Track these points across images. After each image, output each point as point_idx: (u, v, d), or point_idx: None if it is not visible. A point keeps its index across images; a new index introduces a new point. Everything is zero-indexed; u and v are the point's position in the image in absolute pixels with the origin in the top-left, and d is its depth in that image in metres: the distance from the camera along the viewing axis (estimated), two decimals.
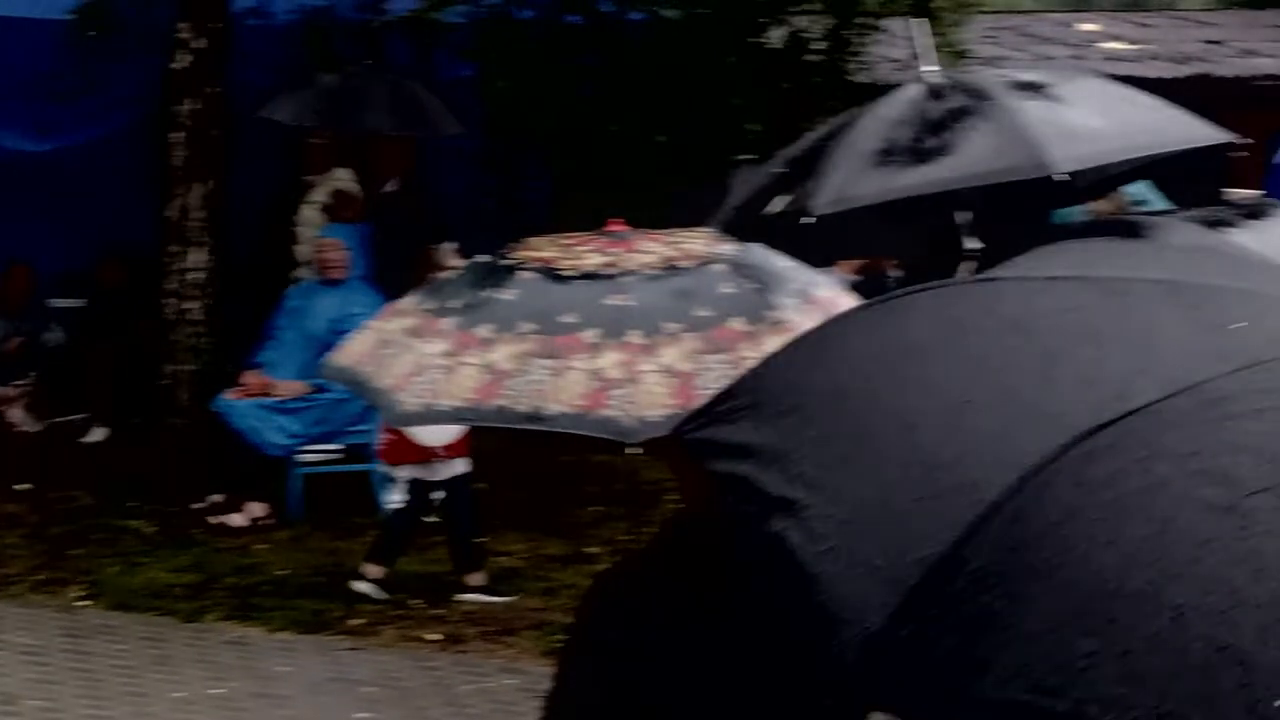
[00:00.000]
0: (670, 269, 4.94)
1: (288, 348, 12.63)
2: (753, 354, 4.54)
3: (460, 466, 10.86)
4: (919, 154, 7.12)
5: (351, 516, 12.24)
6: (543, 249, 5.14)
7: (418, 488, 10.89)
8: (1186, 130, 7.58)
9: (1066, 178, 6.80)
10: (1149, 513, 2.09)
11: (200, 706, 9.31)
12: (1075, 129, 7.10)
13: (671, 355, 4.65)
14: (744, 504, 2.46)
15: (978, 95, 7.43)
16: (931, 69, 7.90)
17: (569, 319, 4.79)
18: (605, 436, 4.56)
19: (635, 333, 4.69)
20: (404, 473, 10.95)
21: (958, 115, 7.31)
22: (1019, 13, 25.60)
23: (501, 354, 4.70)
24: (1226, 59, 19.03)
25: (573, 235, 5.29)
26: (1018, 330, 2.43)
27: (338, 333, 10.57)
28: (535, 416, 4.62)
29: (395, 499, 12.40)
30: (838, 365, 2.53)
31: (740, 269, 5.03)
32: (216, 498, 12.42)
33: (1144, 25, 22.02)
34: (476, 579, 10.92)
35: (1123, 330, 2.40)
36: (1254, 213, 7.10)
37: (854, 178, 7.03)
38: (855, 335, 2.61)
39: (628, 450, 4.57)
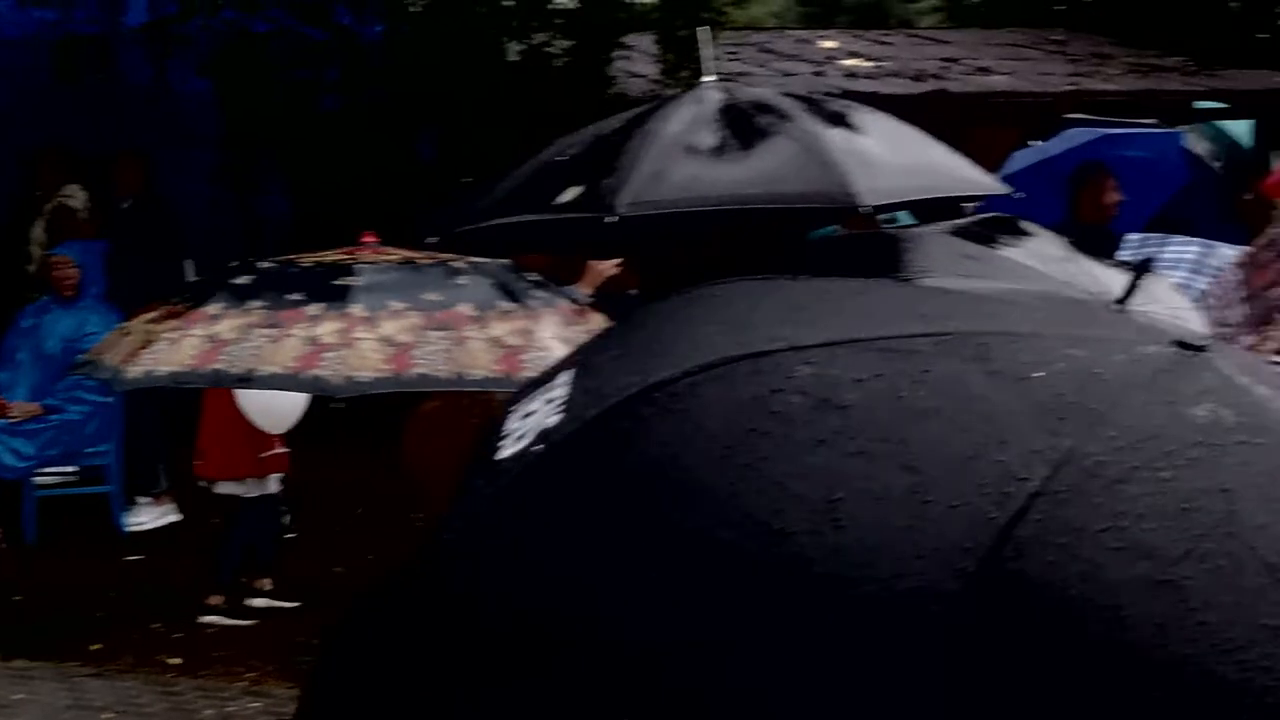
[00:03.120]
0: (408, 263, 5.20)
1: (21, 368, 12.38)
2: (478, 335, 4.81)
3: (273, 486, 10.72)
4: (725, 167, 7.07)
5: (89, 540, 12.00)
6: (299, 257, 5.39)
7: (243, 505, 10.77)
8: (971, 177, 7.70)
9: (870, 210, 6.80)
10: (1098, 603, 1.98)
11: None
12: (875, 162, 7.10)
13: (392, 328, 4.90)
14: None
15: (780, 114, 7.42)
16: (710, 79, 7.89)
17: (295, 297, 5.02)
18: (314, 392, 4.79)
19: (358, 307, 4.95)
20: (220, 489, 10.81)
21: (762, 132, 7.29)
22: (761, 29, 25.91)
23: (225, 326, 4.91)
24: (962, 76, 19.41)
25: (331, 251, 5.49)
26: (832, 410, 2.17)
27: (73, 352, 10.37)
28: (247, 378, 4.83)
29: (136, 520, 12.21)
30: (637, 464, 2.21)
31: (480, 269, 5.27)
32: None
33: (882, 43, 22.39)
34: (216, 600, 10.75)
35: (940, 396, 2.19)
36: (996, 226, 7.26)
37: (658, 182, 6.95)
38: (647, 432, 2.23)
39: (331, 405, 4.70)
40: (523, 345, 5.11)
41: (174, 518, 12.76)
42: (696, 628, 2.06)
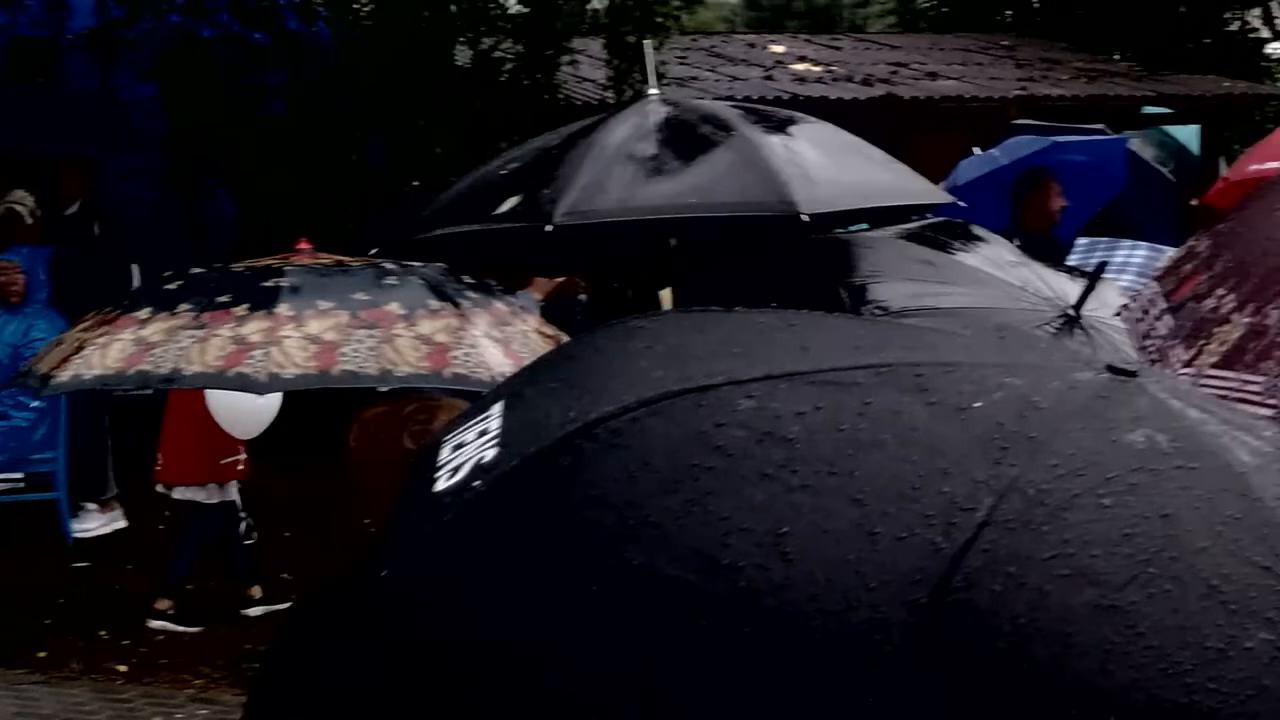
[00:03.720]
0: (338, 265, 5.24)
1: None
2: (406, 333, 4.87)
3: (234, 493, 10.69)
4: (663, 177, 7.06)
5: (36, 547, 11.95)
6: (233, 264, 5.45)
7: (199, 511, 10.72)
8: (912, 186, 7.70)
9: (807, 219, 6.78)
10: (1047, 630, 1.99)
11: None
12: (814, 172, 7.09)
13: (318, 326, 4.95)
14: None
15: (721, 125, 7.42)
16: (654, 91, 7.91)
17: (224, 299, 5.05)
18: (239, 390, 4.84)
19: (285, 306, 4.99)
20: (179, 494, 10.74)
21: (702, 143, 7.29)
22: (710, 34, 25.93)
23: (153, 329, 4.94)
24: (911, 81, 19.45)
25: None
26: (776, 443, 2.17)
27: (19, 358, 10.31)
28: (172, 378, 4.84)
29: (83, 527, 12.14)
30: (583, 503, 2.20)
31: (411, 272, 5.31)
32: None
33: (831, 48, 22.41)
34: (165, 604, 10.71)
35: (883, 428, 2.20)
36: (948, 231, 7.30)
37: (595, 192, 6.95)
38: (588, 469, 2.22)
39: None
40: (451, 343, 5.12)
41: (121, 524, 12.69)
42: (644, 663, 2.06)
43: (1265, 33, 27.81)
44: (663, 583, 2.06)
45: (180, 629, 10.67)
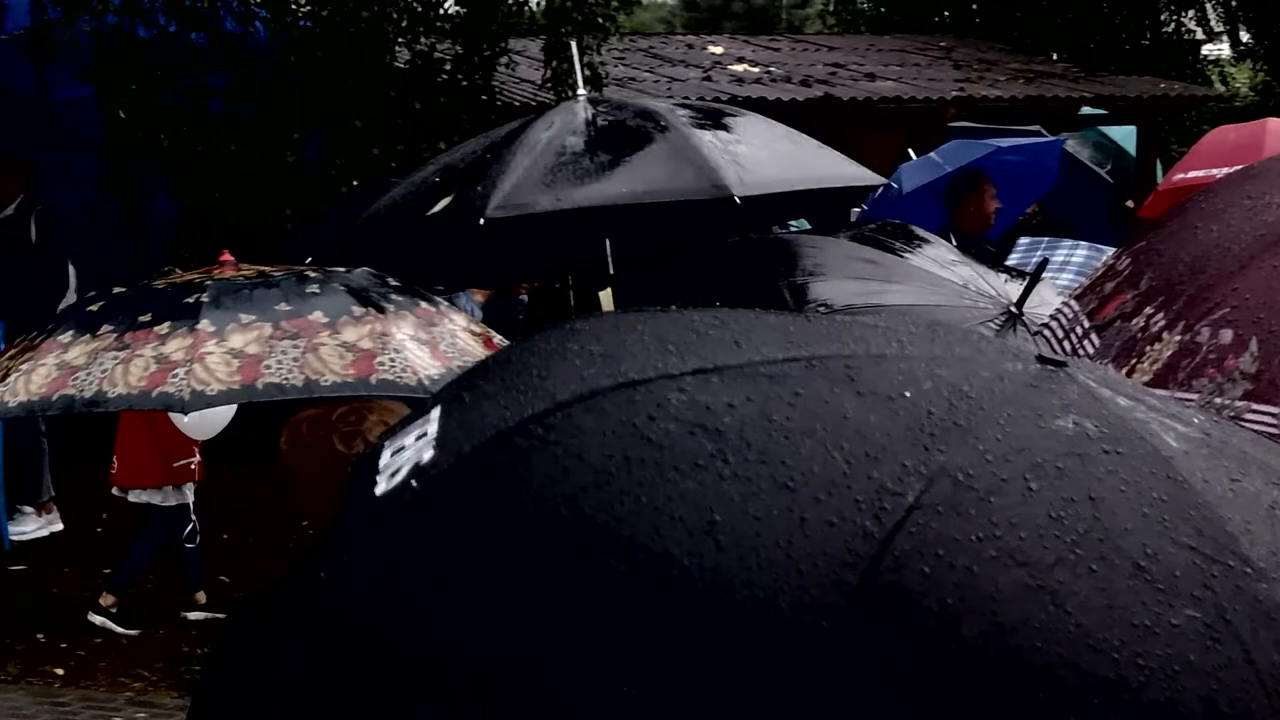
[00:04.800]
0: (260, 276, 5.23)
1: None
2: (330, 341, 4.87)
3: (189, 495, 10.62)
4: (594, 169, 7.09)
5: None
6: (155, 281, 5.44)
7: (155, 514, 10.66)
8: (842, 169, 7.74)
9: (739, 201, 6.83)
10: (976, 609, 2.03)
11: None
12: (745, 157, 7.14)
13: (241, 340, 4.94)
14: None
15: (649, 118, 7.46)
16: (582, 91, 7.94)
17: (145, 318, 5.04)
18: (163, 409, 4.87)
19: (206, 322, 4.98)
20: (134, 498, 10.65)
21: (632, 135, 7.32)
22: (648, 34, 25.95)
23: (76, 352, 4.92)
24: (849, 82, 19.52)
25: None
26: (707, 434, 2.20)
27: None
28: (97, 401, 4.84)
29: (20, 530, 12.06)
30: (516, 499, 2.22)
31: (334, 279, 5.30)
32: None
33: (770, 49, 22.47)
34: (109, 601, 10.67)
35: (813, 418, 2.23)
36: (891, 232, 7.33)
37: (527, 186, 6.97)
38: (522, 464, 2.24)
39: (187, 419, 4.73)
40: (376, 348, 5.11)
41: (58, 527, 12.62)
42: (580, 653, 2.08)
43: (1200, 34, 28.02)
44: (596, 573, 2.09)
45: (119, 629, 10.61)
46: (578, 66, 8.86)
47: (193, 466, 10.50)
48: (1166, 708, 1.99)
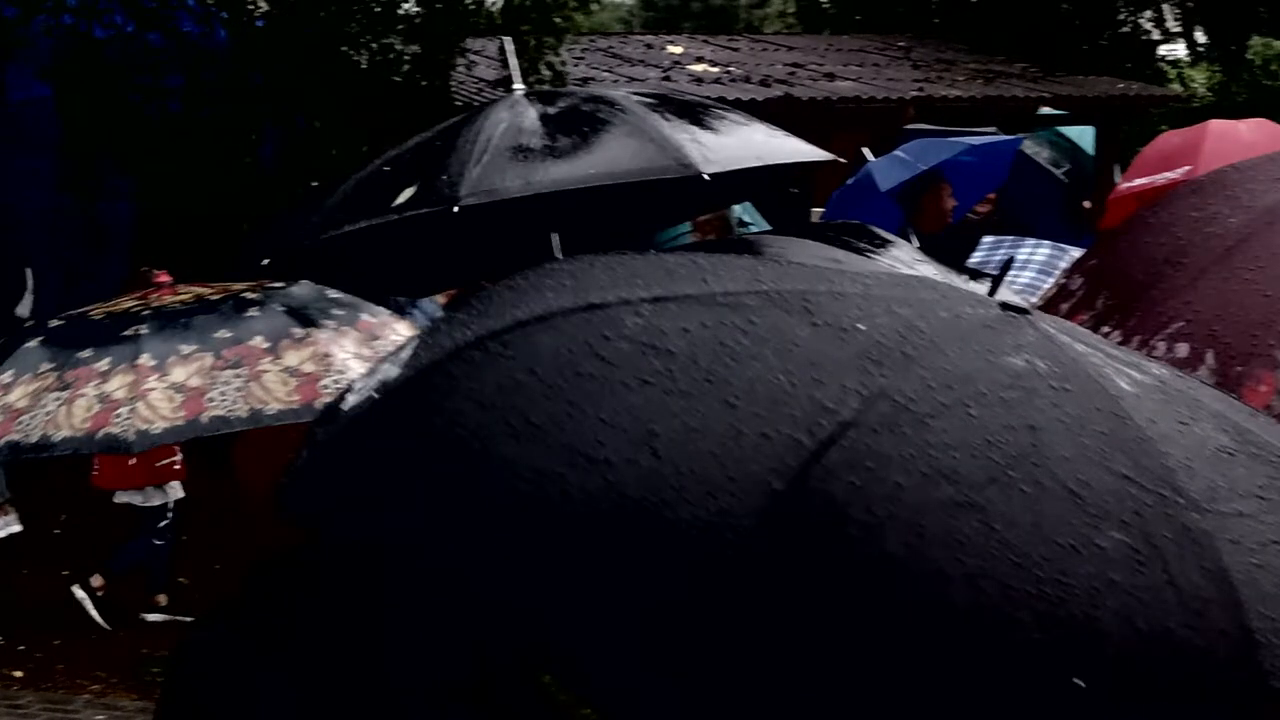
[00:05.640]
0: (198, 301, 5.21)
1: None
2: (273, 367, 4.86)
3: (174, 493, 10.65)
4: (560, 153, 7.10)
5: None
6: (92, 310, 5.32)
7: (144, 513, 10.64)
8: (801, 147, 7.78)
9: (708, 178, 6.88)
10: (901, 520, 2.11)
11: None
12: (703, 137, 7.19)
13: (182, 374, 4.92)
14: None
15: (605, 103, 7.50)
16: (519, 87, 7.94)
17: (85, 354, 4.96)
18: (109, 452, 4.82)
19: (146, 356, 4.95)
20: (119, 499, 10.63)
21: (591, 120, 7.34)
22: (608, 34, 25.94)
23: (18, 394, 4.86)
24: (808, 82, 19.54)
25: (126, 296, 5.46)
26: (658, 354, 2.30)
27: None
28: (44, 445, 4.76)
29: None
30: (470, 408, 2.34)
31: (273, 298, 5.29)
32: None
33: (729, 49, 22.49)
34: (99, 582, 10.71)
35: (763, 343, 2.33)
36: (851, 232, 7.35)
37: (494, 173, 6.96)
38: (477, 376, 2.38)
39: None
40: (320, 371, 5.10)
41: (16, 529, 12.54)
42: (519, 550, 2.18)
43: (1157, 35, 28.13)
44: (537, 476, 2.18)
45: (96, 616, 10.59)
46: (513, 63, 8.91)
47: (176, 466, 10.46)
48: (1084, 622, 2.06)
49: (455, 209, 6.72)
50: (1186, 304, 4.03)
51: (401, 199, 6.99)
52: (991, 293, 2.66)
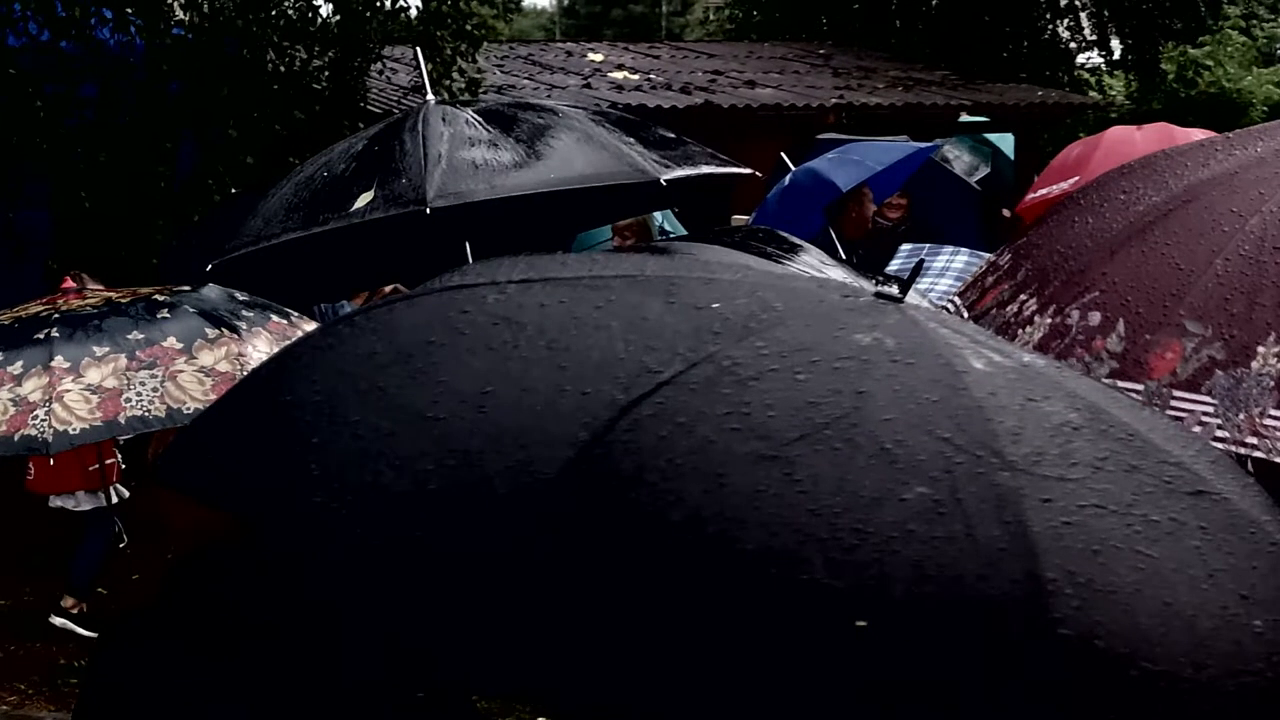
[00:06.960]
0: (107, 304, 5.20)
1: None
2: (188, 367, 4.85)
3: (105, 499, 10.48)
4: (516, 159, 7.15)
5: None
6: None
7: (83, 518, 10.51)
8: (718, 155, 7.85)
9: (665, 184, 6.97)
10: (704, 470, 2.23)
11: None
12: (637, 145, 7.27)
13: (97, 375, 4.92)
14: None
15: (539, 110, 7.56)
16: (431, 98, 7.92)
17: None
18: (28, 454, 4.85)
19: (60, 358, 4.96)
20: (54, 503, 10.52)
21: (532, 128, 7.38)
22: (528, 42, 25.91)
23: None
24: (729, 89, 19.56)
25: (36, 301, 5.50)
26: (509, 325, 2.48)
27: None
28: None
29: None
30: (328, 376, 2.56)
31: (184, 300, 5.29)
32: None
33: (650, 56, 22.50)
34: (70, 603, 10.58)
35: (614, 317, 2.48)
36: (762, 238, 7.37)
37: (456, 177, 7.00)
38: (340, 347, 2.63)
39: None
40: (235, 370, 5.10)
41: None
42: (354, 501, 2.34)
43: (1074, 44, 28.31)
44: (373, 434, 2.38)
45: (82, 632, 10.46)
46: (424, 71, 8.90)
47: (107, 470, 10.32)
48: (874, 566, 2.18)
49: (428, 211, 6.75)
50: (1103, 274, 4.14)
51: (360, 203, 6.98)
52: (902, 294, 2.74)
